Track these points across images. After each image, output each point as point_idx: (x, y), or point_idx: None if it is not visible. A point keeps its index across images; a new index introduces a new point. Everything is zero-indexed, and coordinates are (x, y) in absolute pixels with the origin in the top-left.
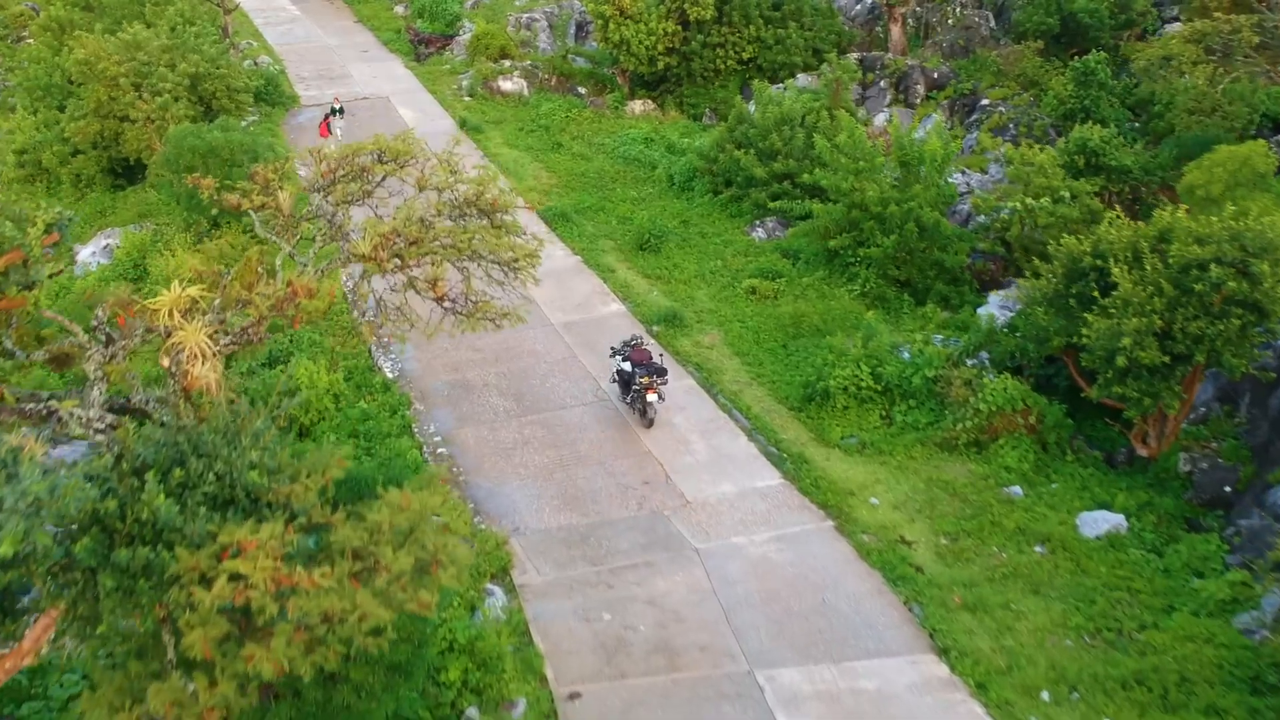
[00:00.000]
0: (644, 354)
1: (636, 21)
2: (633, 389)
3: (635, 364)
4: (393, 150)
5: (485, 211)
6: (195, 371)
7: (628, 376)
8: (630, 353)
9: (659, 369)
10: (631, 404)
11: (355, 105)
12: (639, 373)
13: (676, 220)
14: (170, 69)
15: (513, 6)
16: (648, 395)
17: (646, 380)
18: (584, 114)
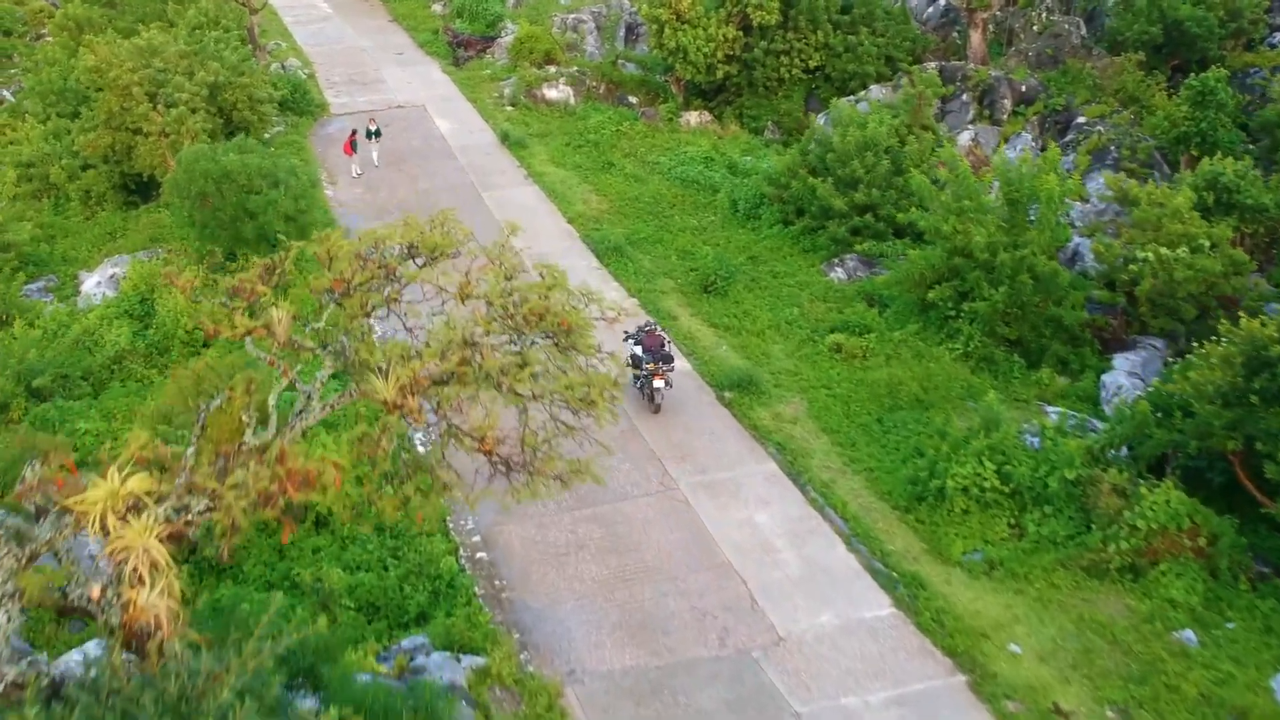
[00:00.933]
0: (656, 340)
1: (694, 27)
2: (640, 374)
3: (646, 349)
4: (428, 243)
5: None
6: (139, 600)
7: (639, 361)
8: (643, 338)
9: (666, 356)
10: (640, 389)
11: (389, 115)
12: (646, 359)
13: (743, 255)
14: (188, 77)
15: (557, 6)
16: (655, 381)
17: (653, 367)
18: (636, 127)
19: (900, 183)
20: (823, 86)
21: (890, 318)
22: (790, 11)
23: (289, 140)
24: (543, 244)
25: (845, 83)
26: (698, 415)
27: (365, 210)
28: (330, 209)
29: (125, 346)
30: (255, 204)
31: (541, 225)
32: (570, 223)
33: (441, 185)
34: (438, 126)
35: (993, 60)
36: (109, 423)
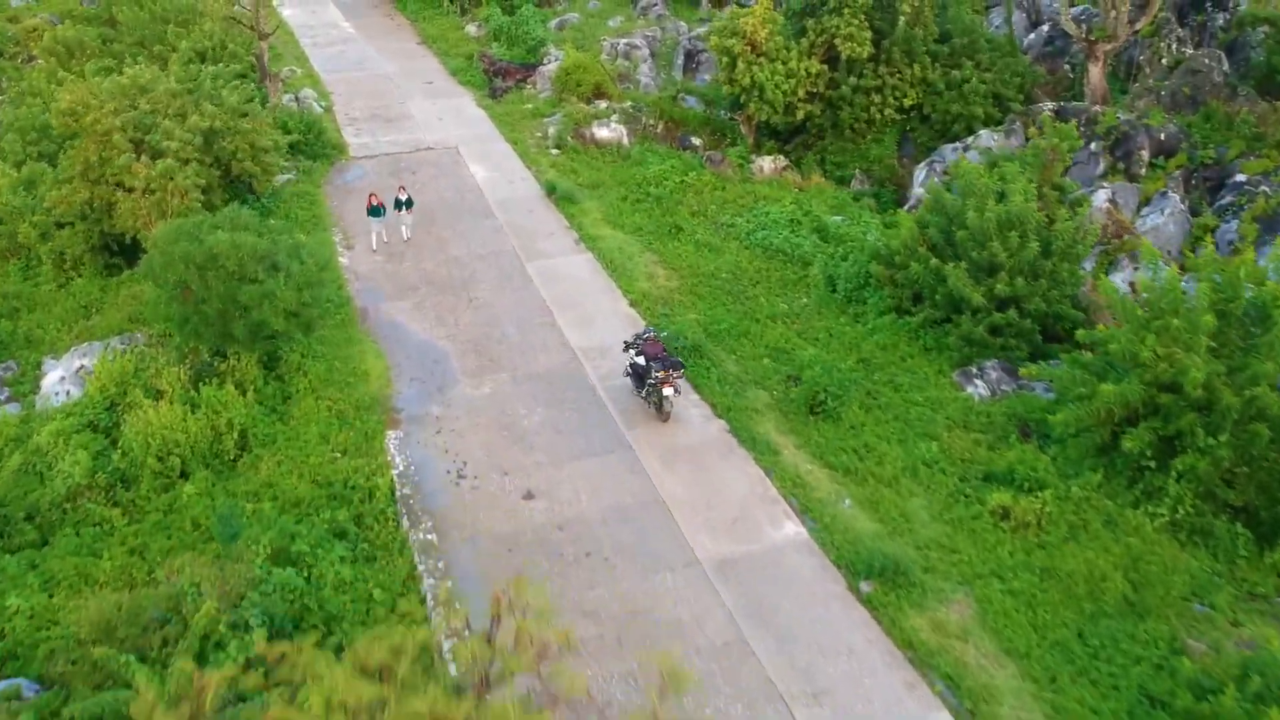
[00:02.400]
0: (658, 346)
1: (772, 60)
2: (648, 383)
3: (650, 358)
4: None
5: None
6: None
7: (642, 370)
8: (644, 346)
9: (675, 362)
10: (647, 398)
11: (417, 159)
12: (654, 367)
13: (851, 356)
14: (179, 121)
15: (605, 29)
16: (664, 389)
17: (663, 375)
18: (703, 178)
19: (1048, 267)
20: (919, 129)
21: (1060, 460)
22: (883, 43)
23: (300, 191)
24: (601, 334)
25: (947, 126)
26: (826, 621)
27: (385, 284)
28: (345, 282)
29: (82, 480)
30: (249, 296)
31: (598, 308)
32: (634, 305)
33: (477, 251)
34: (472, 174)
35: (1115, 101)
36: (50, 595)
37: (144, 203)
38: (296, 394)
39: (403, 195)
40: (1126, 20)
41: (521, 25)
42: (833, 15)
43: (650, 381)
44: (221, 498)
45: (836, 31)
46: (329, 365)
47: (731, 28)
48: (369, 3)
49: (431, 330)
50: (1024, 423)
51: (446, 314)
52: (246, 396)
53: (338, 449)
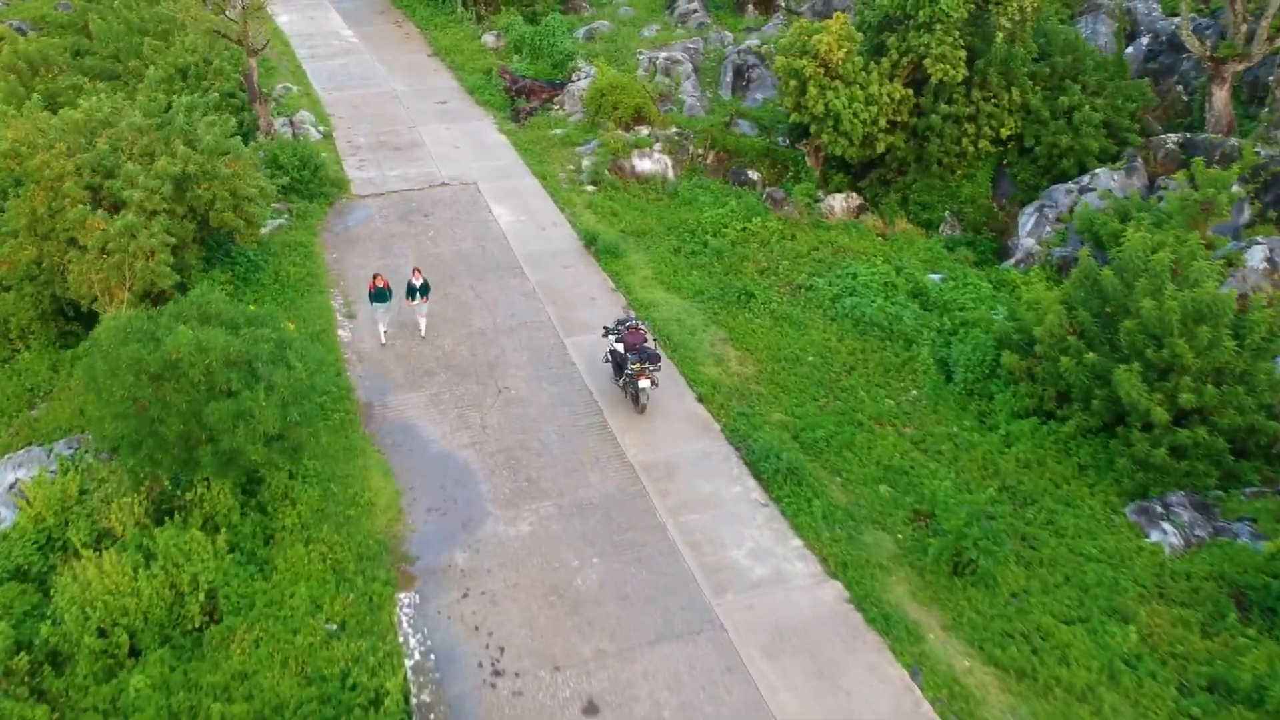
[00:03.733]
0: (638, 336)
1: (849, 84)
2: (625, 373)
3: (628, 347)
4: None
5: None
6: None
7: (620, 359)
8: (624, 334)
9: (653, 355)
10: (624, 388)
11: (430, 198)
12: (631, 358)
13: (988, 476)
14: (146, 164)
15: (639, 40)
16: (640, 382)
17: (639, 367)
18: (769, 223)
19: (1239, 367)
20: (1017, 163)
21: None
22: (976, 62)
23: (292, 240)
24: (666, 444)
25: (1054, 160)
26: None
27: (395, 368)
28: (345, 366)
29: None
30: (218, 416)
31: (658, 405)
32: (703, 401)
33: (505, 322)
34: (496, 217)
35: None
36: None
37: (102, 264)
38: (282, 534)
39: (417, 280)
40: (1265, 37)
41: (546, 36)
42: (921, 32)
43: (628, 372)
44: (180, 693)
45: (926, 50)
46: (323, 489)
47: (801, 46)
48: (374, 8)
49: (452, 435)
50: (1238, 590)
51: (470, 411)
52: (217, 540)
53: (334, 620)
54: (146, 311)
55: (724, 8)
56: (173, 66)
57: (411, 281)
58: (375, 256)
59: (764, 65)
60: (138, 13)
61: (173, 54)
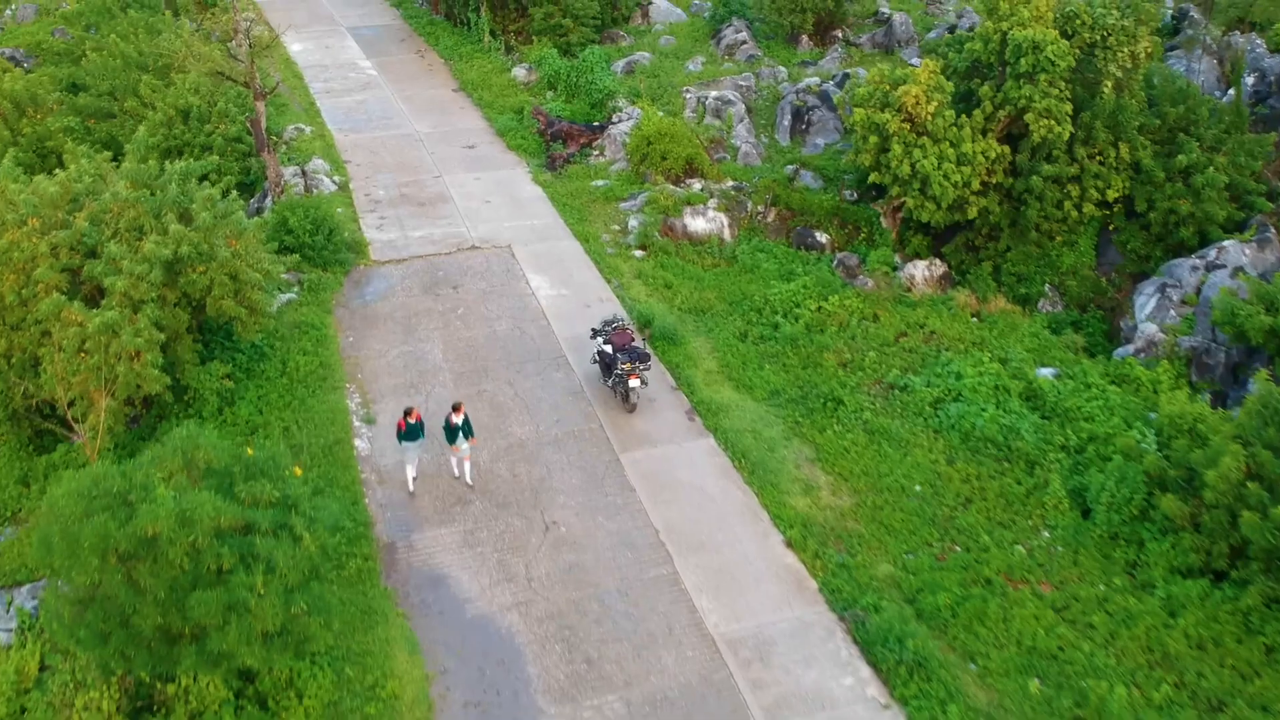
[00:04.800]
0: (626, 336)
1: (938, 141)
2: (615, 373)
3: (617, 348)
4: None
5: None
6: None
7: (609, 359)
8: (611, 335)
9: (642, 354)
10: (613, 388)
11: (458, 265)
12: (621, 358)
13: (1156, 665)
14: (132, 241)
15: (684, 75)
16: (630, 381)
17: (629, 366)
18: (847, 301)
19: None
20: (1125, 229)
21: None
22: (1080, 115)
23: (302, 320)
24: (755, 608)
25: (1169, 228)
26: None
27: (422, 495)
28: (363, 493)
29: None
30: (205, 608)
31: (740, 553)
32: (792, 547)
33: (550, 431)
34: (533, 290)
35: None
36: None
37: (79, 365)
38: None
39: (458, 418)
40: None
41: (584, 73)
42: (1021, 82)
43: (617, 372)
44: None
45: (1028, 104)
46: (337, 674)
47: (882, 97)
48: (395, 36)
49: (492, 591)
50: None
51: (512, 555)
52: None
53: None
54: (118, 463)
55: (775, 38)
56: (173, 108)
57: (452, 419)
58: (397, 340)
59: (825, 107)
60: (136, 46)
61: (173, 94)
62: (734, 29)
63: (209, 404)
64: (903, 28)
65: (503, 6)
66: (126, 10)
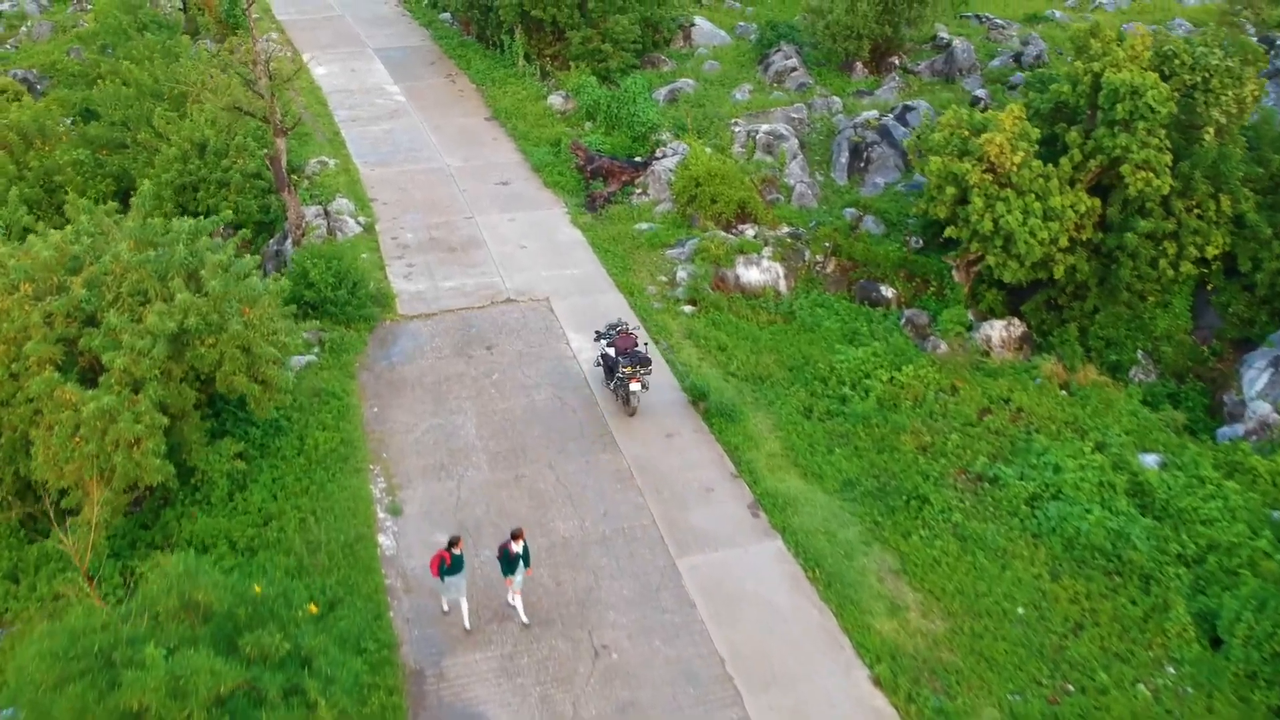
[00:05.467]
0: (629, 340)
1: (1022, 194)
2: (616, 376)
3: (619, 351)
4: None
5: None
6: None
7: (612, 363)
8: (615, 338)
9: (643, 359)
10: (615, 391)
11: (492, 320)
12: (622, 361)
13: None
14: (134, 308)
15: (731, 105)
16: (631, 385)
17: (630, 370)
18: (921, 370)
19: None
20: (1225, 290)
21: None
22: (1178, 165)
23: (323, 385)
24: None
25: (1276, 291)
26: None
27: (454, 621)
28: (388, 604)
29: None
30: None
31: (817, 688)
32: (881, 686)
33: (596, 527)
34: (575, 353)
35: None
36: None
37: (73, 452)
38: None
39: (517, 546)
40: None
41: (625, 104)
42: (1117, 130)
43: (619, 376)
44: None
45: (1124, 155)
46: None
47: (960, 144)
48: (424, 59)
49: None
50: None
51: (558, 690)
52: None
53: None
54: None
55: (827, 64)
56: (188, 141)
57: (511, 549)
58: (426, 411)
59: (885, 143)
60: (151, 72)
61: (188, 127)
62: (783, 54)
63: (218, 488)
64: (964, 55)
65: (538, 29)
66: (144, 32)
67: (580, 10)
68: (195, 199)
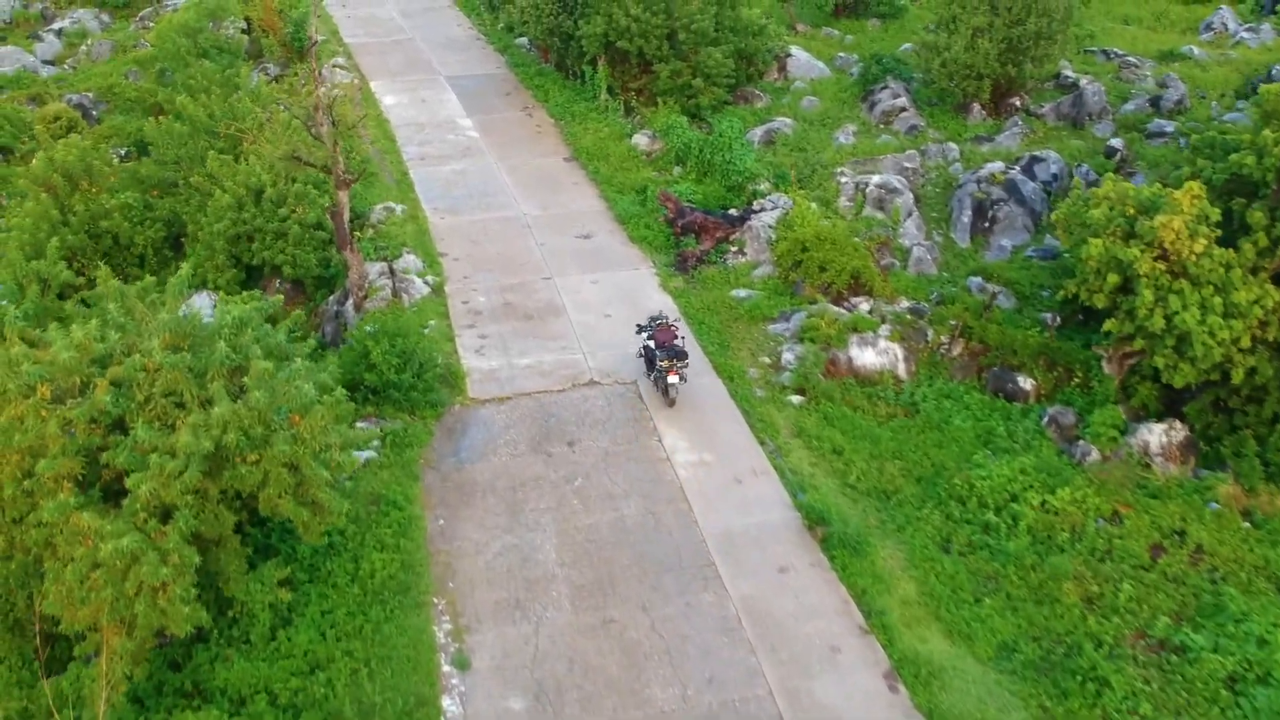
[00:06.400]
0: (669, 334)
1: (1199, 286)
2: (655, 370)
3: (659, 344)
4: None
5: None
6: None
7: (652, 355)
8: (655, 331)
9: (680, 352)
10: (655, 382)
11: (572, 407)
12: (660, 355)
13: None
14: (170, 406)
15: (833, 148)
16: (669, 377)
17: (667, 364)
18: (1079, 493)
19: None
20: None
21: None
22: None
23: (383, 489)
24: None
25: None
26: None
27: None
28: None
29: None
30: None
31: None
32: None
33: (701, 700)
34: (668, 453)
35: None
36: None
37: (89, 593)
38: None
39: None
40: None
41: (720, 150)
42: None
43: (658, 369)
44: None
45: None
46: None
47: (1127, 225)
48: (499, 88)
49: None
50: None
51: None
52: None
53: None
54: None
55: (939, 104)
56: (243, 187)
57: None
58: (499, 525)
59: (1013, 200)
60: (208, 107)
61: (244, 171)
62: (890, 92)
63: (259, 622)
64: (1094, 98)
65: (623, 60)
66: (204, 58)
67: (670, 42)
68: (250, 250)
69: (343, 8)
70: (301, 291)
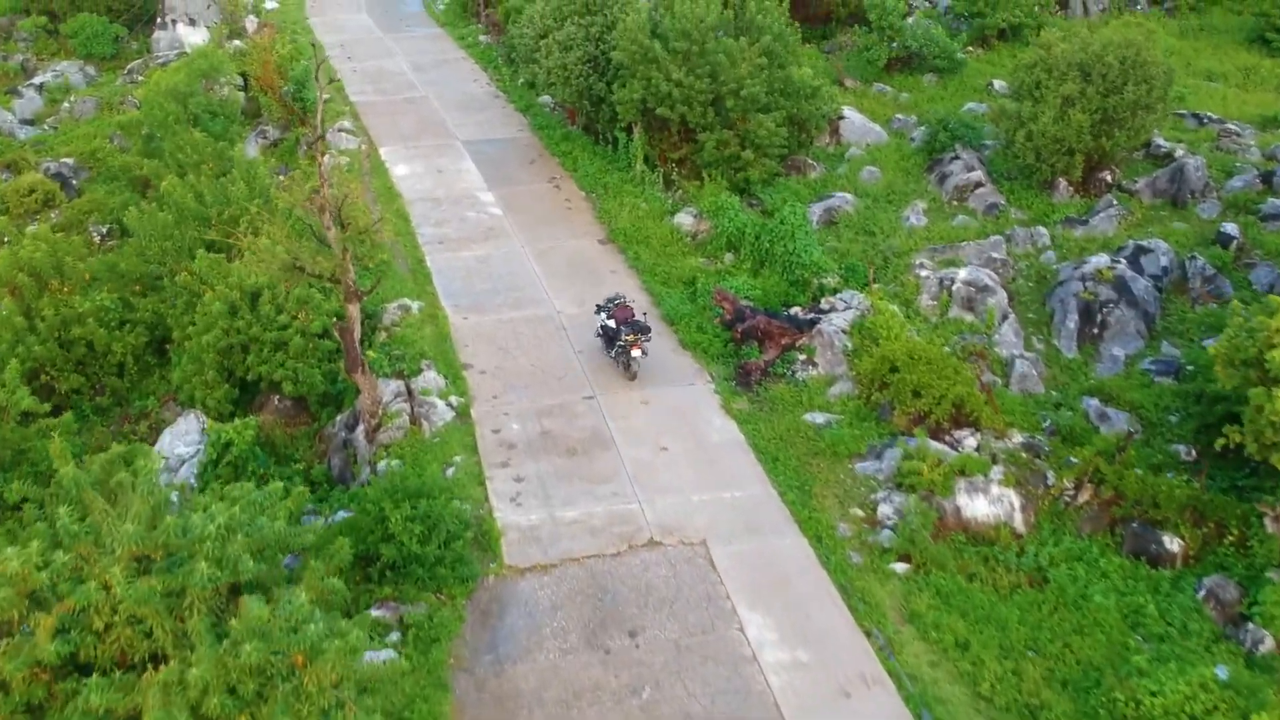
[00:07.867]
0: (627, 311)
1: None
2: (617, 345)
3: (619, 321)
4: None
5: None
6: None
7: (612, 333)
8: (614, 310)
9: (643, 327)
10: (616, 358)
11: (632, 578)
12: (624, 330)
13: None
14: (132, 639)
15: (903, 231)
16: (632, 351)
17: (632, 338)
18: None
19: None
20: None
21: None
22: None
23: (403, 707)
24: None
25: None
26: None
27: None
28: None
29: None
30: None
31: None
32: None
33: None
34: (753, 650)
35: None
36: None
37: None
38: None
39: None
40: None
41: (780, 239)
42: None
43: (620, 344)
44: None
45: None
46: None
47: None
48: (522, 154)
49: None
50: None
51: None
52: None
53: None
54: None
55: (1017, 178)
56: (237, 289)
57: None
58: None
59: (1124, 301)
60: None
61: (237, 272)
62: (962, 164)
63: None
64: (1196, 173)
65: (662, 127)
66: (195, 124)
67: (715, 108)
68: (244, 363)
69: (348, 60)
70: (304, 410)
